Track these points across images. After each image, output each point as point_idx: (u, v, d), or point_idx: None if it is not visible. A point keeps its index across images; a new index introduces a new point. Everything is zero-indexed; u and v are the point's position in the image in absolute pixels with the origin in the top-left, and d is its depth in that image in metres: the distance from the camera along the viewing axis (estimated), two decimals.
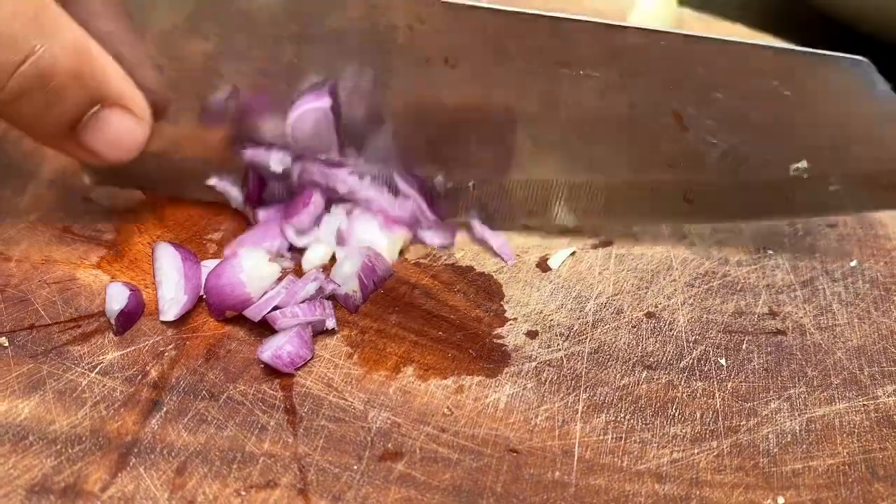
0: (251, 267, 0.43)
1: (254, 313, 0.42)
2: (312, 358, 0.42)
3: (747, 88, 0.44)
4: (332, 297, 0.44)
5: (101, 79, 0.42)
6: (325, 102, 0.45)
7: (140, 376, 0.40)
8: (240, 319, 0.43)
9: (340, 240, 0.47)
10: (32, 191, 0.50)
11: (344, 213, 0.48)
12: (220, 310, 0.43)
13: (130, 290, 0.43)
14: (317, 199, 0.47)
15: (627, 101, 0.45)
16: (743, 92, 0.44)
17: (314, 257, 0.47)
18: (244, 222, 0.49)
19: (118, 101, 0.43)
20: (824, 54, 0.44)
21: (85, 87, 0.42)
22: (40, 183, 0.51)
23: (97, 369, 0.40)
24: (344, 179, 0.48)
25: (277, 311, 0.42)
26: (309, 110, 0.46)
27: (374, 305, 0.45)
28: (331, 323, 0.43)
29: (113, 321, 0.42)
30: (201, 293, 0.44)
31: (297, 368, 0.41)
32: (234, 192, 0.49)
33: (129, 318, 0.43)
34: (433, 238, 0.48)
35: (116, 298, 0.42)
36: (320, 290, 0.44)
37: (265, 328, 0.42)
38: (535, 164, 0.48)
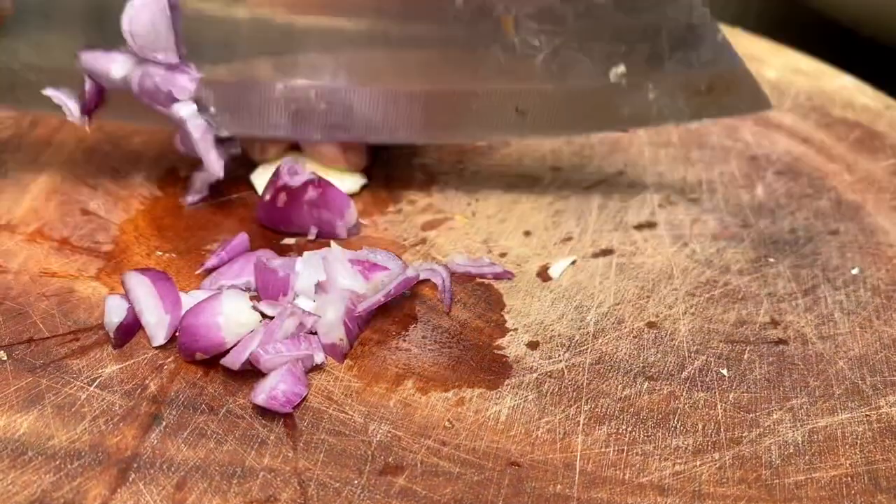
0: (230, 310, 0.41)
1: (232, 362, 0.40)
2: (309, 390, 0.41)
3: None
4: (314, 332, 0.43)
5: None
6: None
7: (139, 390, 0.40)
8: None
9: (320, 291, 0.44)
10: (30, 202, 0.50)
11: (320, 261, 0.45)
12: (190, 351, 0.41)
13: (129, 302, 0.43)
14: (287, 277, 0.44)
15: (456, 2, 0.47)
16: None
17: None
18: (243, 231, 0.49)
19: None
20: None
21: None
22: (38, 195, 0.51)
23: (96, 383, 0.40)
24: (184, 86, 0.47)
25: (260, 350, 0.40)
26: (146, 3, 0.45)
27: (373, 317, 0.45)
28: (319, 357, 0.42)
29: (112, 334, 0.42)
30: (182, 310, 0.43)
31: (296, 407, 0.40)
32: (71, 104, 0.48)
33: (127, 331, 0.42)
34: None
35: (115, 311, 0.42)
36: (301, 325, 0.42)
37: None
38: (366, 71, 0.48)
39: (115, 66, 0.46)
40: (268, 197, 0.49)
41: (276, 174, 0.48)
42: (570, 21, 0.47)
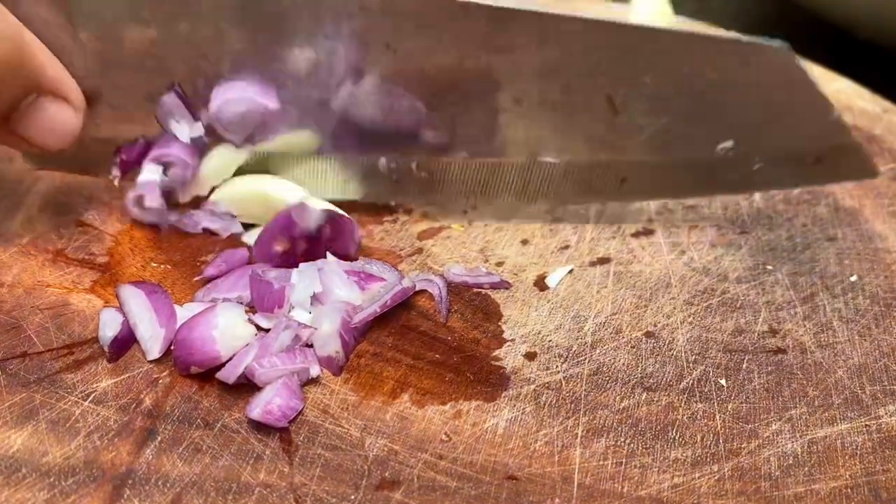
0: (226, 323, 0.41)
1: (227, 375, 0.40)
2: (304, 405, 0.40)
3: (675, 73, 0.47)
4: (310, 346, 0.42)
5: (37, 69, 0.42)
6: (256, 90, 0.47)
7: (134, 404, 0.40)
8: None
9: (316, 302, 0.44)
10: (25, 214, 0.50)
11: (316, 272, 0.45)
12: (185, 364, 0.41)
13: (124, 315, 0.42)
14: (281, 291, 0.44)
15: (562, 85, 0.47)
16: (671, 76, 0.47)
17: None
18: (237, 244, 0.49)
19: (53, 90, 0.43)
20: (748, 40, 0.46)
21: (21, 77, 0.42)
22: (33, 206, 0.50)
23: (91, 398, 0.40)
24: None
25: (255, 364, 0.40)
26: (244, 97, 0.47)
27: (369, 328, 0.44)
28: (315, 370, 0.41)
29: (106, 348, 0.42)
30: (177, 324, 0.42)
31: (291, 421, 0.39)
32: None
33: (122, 345, 0.42)
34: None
35: (110, 324, 0.42)
36: (297, 338, 0.42)
37: None
38: (474, 146, 0.50)
39: (182, 127, 0.48)
40: (280, 249, 0.47)
41: (288, 220, 0.47)
42: (677, 102, 0.47)
